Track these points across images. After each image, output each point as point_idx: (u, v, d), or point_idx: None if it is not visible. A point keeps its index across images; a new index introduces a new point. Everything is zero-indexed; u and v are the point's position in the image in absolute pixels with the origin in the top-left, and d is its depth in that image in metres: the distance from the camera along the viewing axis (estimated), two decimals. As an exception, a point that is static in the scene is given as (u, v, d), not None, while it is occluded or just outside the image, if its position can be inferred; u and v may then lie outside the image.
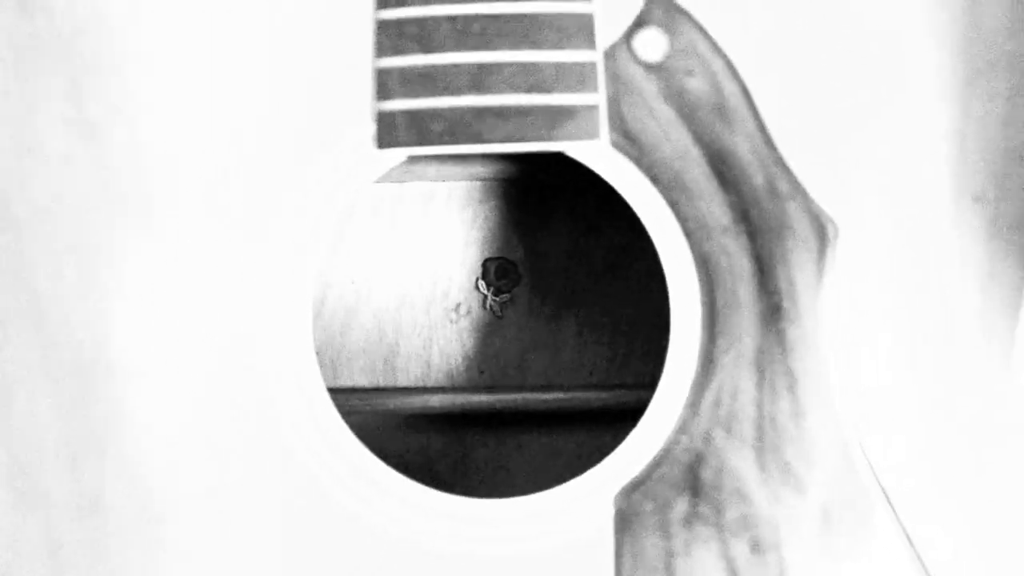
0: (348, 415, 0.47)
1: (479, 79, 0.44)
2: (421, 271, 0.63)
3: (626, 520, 0.45)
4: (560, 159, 0.46)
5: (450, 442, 0.63)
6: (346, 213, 0.62)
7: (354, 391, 0.61)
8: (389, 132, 0.45)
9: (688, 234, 0.45)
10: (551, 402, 0.60)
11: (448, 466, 0.63)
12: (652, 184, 0.45)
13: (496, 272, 0.63)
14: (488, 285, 0.63)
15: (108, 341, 0.45)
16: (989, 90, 0.45)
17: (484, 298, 0.63)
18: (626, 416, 0.48)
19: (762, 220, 0.45)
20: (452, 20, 0.44)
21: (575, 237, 0.63)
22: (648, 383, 0.46)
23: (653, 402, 0.46)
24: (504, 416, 0.63)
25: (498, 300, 0.63)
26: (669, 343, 0.46)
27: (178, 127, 0.45)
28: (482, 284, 0.63)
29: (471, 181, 0.62)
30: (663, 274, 0.46)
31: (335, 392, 0.49)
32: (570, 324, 0.63)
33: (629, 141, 0.45)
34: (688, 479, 0.45)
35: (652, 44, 0.45)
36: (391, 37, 0.44)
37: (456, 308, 0.63)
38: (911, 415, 0.45)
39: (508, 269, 0.63)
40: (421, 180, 0.62)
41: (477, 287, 0.63)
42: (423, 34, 0.44)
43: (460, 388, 0.62)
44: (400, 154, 0.45)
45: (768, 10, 0.45)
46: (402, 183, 0.62)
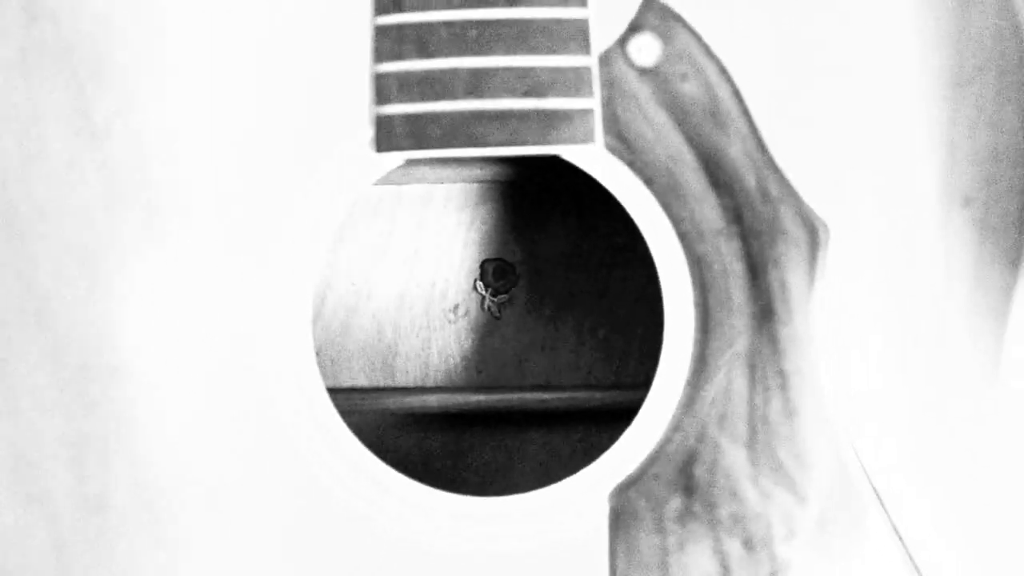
0: (347, 414, 0.47)
1: (476, 84, 0.44)
2: (420, 272, 0.62)
3: (621, 517, 0.45)
4: (557, 162, 0.46)
5: (448, 441, 0.63)
6: (346, 215, 0.62)
7: (353, 391, 0.61)
8: (388, 136, 0.45)
9: (682, 236, 0.45)
10: (549, 402, 0.60)
11: (446, 465, 0.63)
12: (646, 187, 0.45)
13: (494, 273, 0.62)
14: (486, 286, 0.62)
15: (112, 342, 0.45)
16: (978, 94, 0.45)
17: (482, 299, 0.62)
18: (623, 416, 0.47)
19: (754, 222, 0.45)
20: (449, 25, 0.44)
21: (572, 238, 0.62)
22: (645, 383, 0.46)
23: (647, 401, 0.46)
24: (502, 416, 0.62)
25: (496, 301, 0.62)
26: (663, 343, 0.46)
27: (180, 132, 0.45)
28: (480, 285, 0.62)
29: (469, 183, 0.62)
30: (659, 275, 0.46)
31: (335, 392, 0.49)
32: (567, 325, 0.63)
33: (623, 144, 0.45)
34: (682, 477, 0.45)
35: (646, 49, 0.45)
36: (389, 42, 0.44)
37: (454, 309, 0.63)
38: (901, 417, 0.45)
39: (506, 270, 0.62)
40: (419, 182, 0.62)
41: (475, 288, 0.63)
42: (421, 39, 0.44)
43: (458, 388, 0.62)
44: (398, 157, 0.45)
45: (761, 15, 0.45)
46: (401, 185, 0.62)
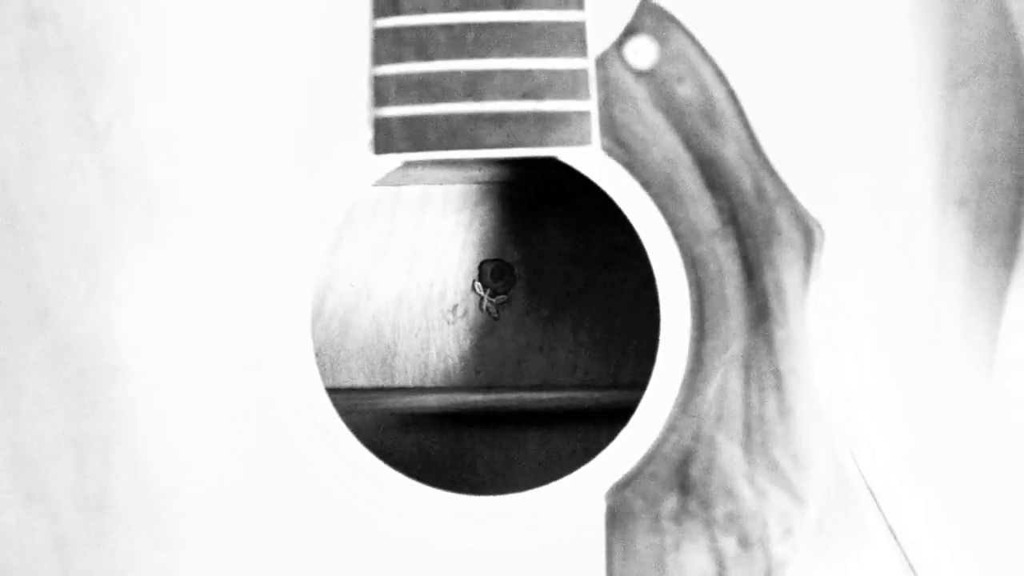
0: (347, 414, 0.47)
1: (473, 86, 0.44)
2: (418, 273, 0.62)
3: (617, 516, 0.45)
4: (555, 163, 0.46)
5: (447, 441, 0.63)
6: (345, 216, 0.62)
7: (353, 391, 0.61)
8: (386, 138, 0.45)
9: (678, 237, 0.45)
10: (547, 402, 0.60)
11: (445, 464, 0.63)
12: (643, 188, 0.45)
13: (492, 274, 0.62)
14: (484, 287, 0.62)
15: (112, 342, 0.45)
16: (973, 95, 0.45)
17: (480, 300, 0.63)
18: (621, 415, 0.47)
19: (750, 223, 0.45)
20: (447, 28, 0.44)
21: (570, 239, 0.62)
22: (642, 383, 0.46)
23: (644, 401, 0.46)
24: (500, 415, 0.62)
25: (494, 301, 0.62)
26: (659, 343, 0.46)
27: (180, 132, 0.45)
28: (478, 286, 0.63)
29: (467, 184, 0.62)
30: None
31: (334, 392, 0.49)
32: (565, 325, 0.63)
33: (620, 146, 0.45)
34: (678, 476, 0.45)
35: (643, 51, 0.45)
36: (388, 45, 0.45)
37: (453, 309, 0.63)
38: (896, 417, 0.45)
39: (504, 271, 0.62)
40: (418, 184, 0.62)
41: (474, 289, 0.63)
42: (419, 42, 0.44)
43: (457, 388, 0.62)
44: (397, 159, 0.45)
45: (756, 18, 0.45)
46: (400, 186, 0.62)
